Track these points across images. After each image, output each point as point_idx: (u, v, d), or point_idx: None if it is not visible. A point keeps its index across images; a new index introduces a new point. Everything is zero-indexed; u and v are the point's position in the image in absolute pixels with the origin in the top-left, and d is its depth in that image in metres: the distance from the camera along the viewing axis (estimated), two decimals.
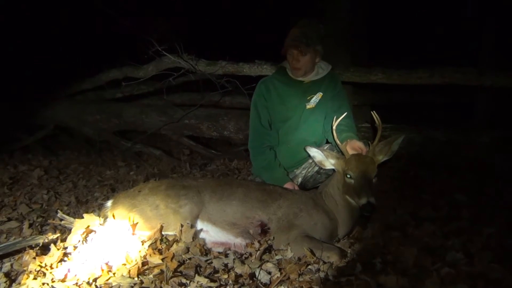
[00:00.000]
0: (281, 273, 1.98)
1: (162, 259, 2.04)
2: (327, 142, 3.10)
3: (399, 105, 6.03)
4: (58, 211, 2.62)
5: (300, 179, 3.13)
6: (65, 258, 2.07)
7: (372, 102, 5.11)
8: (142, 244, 2.16)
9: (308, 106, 3.05)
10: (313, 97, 3.05)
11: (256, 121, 3.07)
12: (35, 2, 6.70)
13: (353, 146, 2.54)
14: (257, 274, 1.98)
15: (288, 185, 2.83)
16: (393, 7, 6.47)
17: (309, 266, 2.05)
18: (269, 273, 2.01)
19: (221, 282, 1.92)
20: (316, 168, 3.03)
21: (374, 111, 2.51)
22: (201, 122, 4.77)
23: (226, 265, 2.10)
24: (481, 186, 3.43)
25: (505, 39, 5.32)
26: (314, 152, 2.52)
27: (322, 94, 3.05)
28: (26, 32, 7.04)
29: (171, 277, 1.90)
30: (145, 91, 5.51)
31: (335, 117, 2.55)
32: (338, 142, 2.48)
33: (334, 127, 2.50)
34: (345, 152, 2.45)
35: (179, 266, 2.01)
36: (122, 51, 4.89)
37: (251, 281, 1.94)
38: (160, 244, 2.21)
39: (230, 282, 1.92)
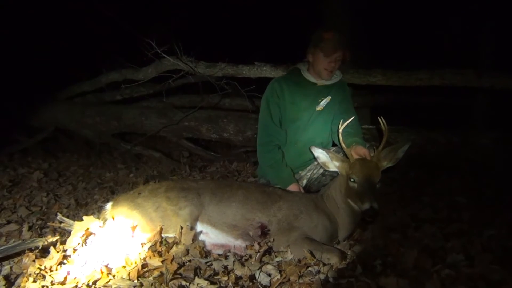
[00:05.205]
0: (281, 275, 1.98)
1: (162, 261, 2.04)
2: (334, 144, 3.12)
3: (398, 107, 6.03)
4: (58, 213, 2.61)
5: (305, 181, 3.13)
6: (65, 261, 2.07)
7: (372, 104, 5.11)
8: (142, 246, 2.16)
9: (317, 108, 3.08)
10: (323, 99, 3.08)
11: (267, 118, 3.06)
12: (35, 3, 6.71)
13: (359, 153, 2.55)
14: (257, 276, 1.98)
15: (293, 186, 2.84)
16: (393, 9, 6.48)
17: (309, 268, 2.05)
18: (269, 275, 2.00)
19: (221, 284, 1.92)
20: (322, 170, 3.03)
21: (381, 117, 2.53)
22: (201, 124, 4.76)
23: (226, 267, 2.10)
24: (481, 188, 3.43)
25: (504, 40, 5.33)
26: (319, 152, 2.53)
27: (331, 97, 3.08)
28: (26, 34, 7.04)
29: (171, 279, 1.90)
30: (144, 93, 5.50)
31: (341, 120, 2.58)
32: (343, 145, 2.49)
33: (340, 130, 2.52)
34: (350, 156, 2.46)
35: (178, 268, 2.00)
36: (122, 53, 4.89)
37: (251, 283, 1.93)
38: (160, 246, 2.21)
39: (230, 284, 1.92)
